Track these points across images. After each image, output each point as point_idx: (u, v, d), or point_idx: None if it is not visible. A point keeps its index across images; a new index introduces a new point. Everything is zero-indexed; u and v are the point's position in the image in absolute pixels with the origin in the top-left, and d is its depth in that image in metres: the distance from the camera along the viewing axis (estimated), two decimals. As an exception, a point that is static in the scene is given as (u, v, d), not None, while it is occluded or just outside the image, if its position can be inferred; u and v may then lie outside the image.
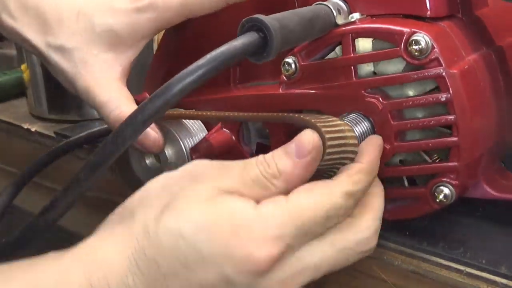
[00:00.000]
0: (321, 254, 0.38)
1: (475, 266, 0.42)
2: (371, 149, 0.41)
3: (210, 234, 0.35)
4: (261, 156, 0.39)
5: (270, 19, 0.39)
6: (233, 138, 0.51)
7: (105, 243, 0.37)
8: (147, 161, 0.53)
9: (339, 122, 0.40)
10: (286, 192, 0.38)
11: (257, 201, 0.37)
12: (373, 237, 0.40)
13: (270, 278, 0.36)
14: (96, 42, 0.51)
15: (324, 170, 0.41)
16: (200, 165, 0.39)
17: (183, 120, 0.52)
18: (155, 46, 0.73)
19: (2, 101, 0.89)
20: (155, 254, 0.35)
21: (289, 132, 0.48)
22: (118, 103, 0.50)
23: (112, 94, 0.51)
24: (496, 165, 0.48)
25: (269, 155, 0.39)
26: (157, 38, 0.67)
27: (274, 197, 0.37)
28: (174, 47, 0.58)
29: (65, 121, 0.79)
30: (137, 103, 0.58)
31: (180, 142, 0.51)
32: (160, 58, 0.60)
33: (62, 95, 0.79)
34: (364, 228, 0.39)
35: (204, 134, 0.52)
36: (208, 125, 0.52)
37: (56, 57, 0.51)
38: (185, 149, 0.51)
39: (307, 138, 0.38)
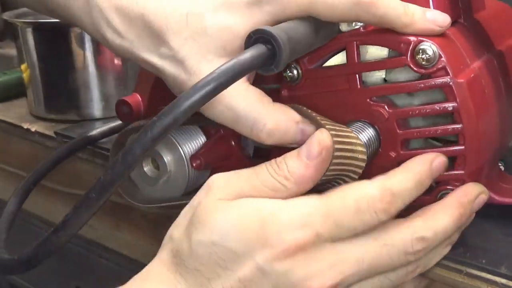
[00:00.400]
0: (363, 248, 0.39)
1: (475, 266, 0.42)
2: (421, 161, 0.41)
3: (238, 233, 0.37)
4: (271, 160, 0.39)
5: (278, 31, 0.38)
6: (233, 143, 0.51)
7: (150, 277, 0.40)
8: (145, 168, 0.52)
9: (351, 134, 0.40)
10: (298, 194, 0.39)
11: None
12: (417, 237, 0.40)
13: (304, 265, 0.37)
14: (210, 46, 0.43)
15: (328, 181, 0.41)
16: (214, 177, 0.40)
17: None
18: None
19: (2, 101, 0.88)
20: (195, 264, 0.38)
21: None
22: (258, 116, 0.43)
23: (246, 108, 0.44)
24: (496, 169, 0.48)
25: (279, 158, 0.39)
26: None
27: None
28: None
29: (65, 121, 0.78)
30: (128, 104, 0.57)
31: (179, 148, 0.50)
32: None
33: (61, 95, 0.78)
34: (415, 229, 0.40)
35: (203, 139, 0.51)
36: (206, 130, 0.52)
37: (171, 69, 0.45)
38: (185, 155, 0.50)
39: (317, 139, 0.39)
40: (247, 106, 0.43)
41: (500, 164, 0.50)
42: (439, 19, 0.42)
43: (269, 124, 0.43)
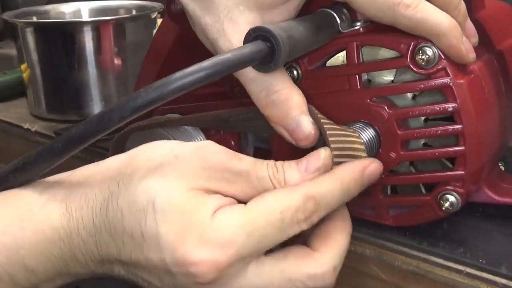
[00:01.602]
0: (268, 279, 0.37)
1: (475, 266, 0.42)
2: (351, 168, 0.40)
3: (170, 223, 0.36)
4: (272, 161, 0.39)
5: (278, 29, 0.38)
6: (233, 143, 0.51)
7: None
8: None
9: (353, 134, 0.41)
10: None
11: (249, 199, 0.38)
12: (331, 274, 0.38)
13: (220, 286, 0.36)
14: None
15: None
16: (211, 146, 0.39)
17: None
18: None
19: (2, 101, 0.88)
20: (124, 207, 0.37)
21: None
22: (275, 82, 0.43)
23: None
24: (496, 169, 0.48)
25: (280, 162, 0.39)
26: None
27: (234, 205, 0.38)
28: (165, 49, 0.57)
29: (65, 121, 0.78)
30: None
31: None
32: (151, 60, 0.59)
33: (61, 95, 0.78)
34: (322, 263, 0.38)
35: (203, 140, 0.51)
36: (206, 130, 0.52)
37: (197, 8, 0.44)
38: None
39: (319, 155, 0.39)
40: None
41: (500, 164, 0.50)
42: (472, 50, 0.42)
43: (280, 94, 0.42)
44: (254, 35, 0.39)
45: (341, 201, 0.39)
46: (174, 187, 0.37)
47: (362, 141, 0.41)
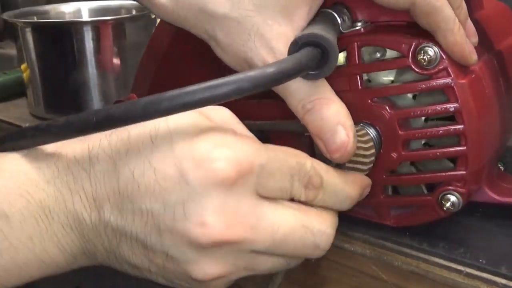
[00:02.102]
0: (282, 217, 0.37)
1: (475, 266, 0.42)
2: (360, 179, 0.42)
3: (188, 129, 0.35)
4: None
5: (324, 33, 0.38)
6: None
7: None
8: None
9: (363, 131, 0.41)
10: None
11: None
12: (331, 234, 0.39)
13: (221, 198, 0.35)
14: (269, 9, 0.42)
15: None
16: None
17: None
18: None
19: (2, 101, 0.88)
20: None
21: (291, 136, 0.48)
22: (310, 91, 0.41)
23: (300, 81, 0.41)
24: (496, 169, 0.48)
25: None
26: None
27: None
28: (163, 49, 0.57)
29: None
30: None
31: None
32: (148, 60, 0.59)
33: (61, 95, 0.78)
34: (327, 223, 0.39)
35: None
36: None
37: (221, 35, 0.43)
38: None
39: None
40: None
41: (500, 165, 0.50)
42: (474, 51, 0.42)
43: (317, 103, 0.41)
44: (301, 42, 0.38)
45: (333, 204, 0.40)
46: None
47: (370, 136, 0.42)
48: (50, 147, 0.37)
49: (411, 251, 0.45)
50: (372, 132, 0.43)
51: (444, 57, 0.40)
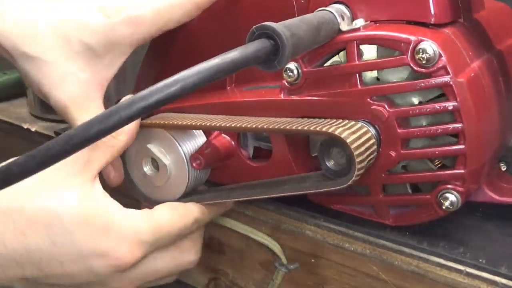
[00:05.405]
0: (164, 263, 0.49)
1: (475, 266, 0.42)
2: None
3: (85, 227, 0.44)
4: None
5: (281, 27, 0.38)
6: (233, 143, 0.51)
7: None
8: (145, 168, 0.52)
9: (364, 128, 0.42)
10: None
11: None
12: (196, 261, 0.51)
13: (130, 273, 0.46)
14: (75, 59, 0.49)
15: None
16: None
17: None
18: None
19: (2, 101, 0.88)
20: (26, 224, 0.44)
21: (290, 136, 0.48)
22: None
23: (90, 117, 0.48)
24: (496, 168, 0.48)
25: None
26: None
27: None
28: (165, 48, 0.57)
29: (65, 121, 0.77)
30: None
31: (179, 148, 0.50)
32: (150, 59, 0.59)
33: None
34: (194, 254, 0.50)
35: (203, 139, 0.51)
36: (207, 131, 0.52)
37: (29, 68, 0.50)
38: (185, 155, 0.50)
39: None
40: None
41: (501, 164, 0.50)
42: None
43: None
44: (257, 33, 0.38)
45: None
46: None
47: (371, 134, 0.42)
48: None
49: (411, 251, 0.45)
50: (371, 130, 0.43)
51: (443, 55, 0.40)
